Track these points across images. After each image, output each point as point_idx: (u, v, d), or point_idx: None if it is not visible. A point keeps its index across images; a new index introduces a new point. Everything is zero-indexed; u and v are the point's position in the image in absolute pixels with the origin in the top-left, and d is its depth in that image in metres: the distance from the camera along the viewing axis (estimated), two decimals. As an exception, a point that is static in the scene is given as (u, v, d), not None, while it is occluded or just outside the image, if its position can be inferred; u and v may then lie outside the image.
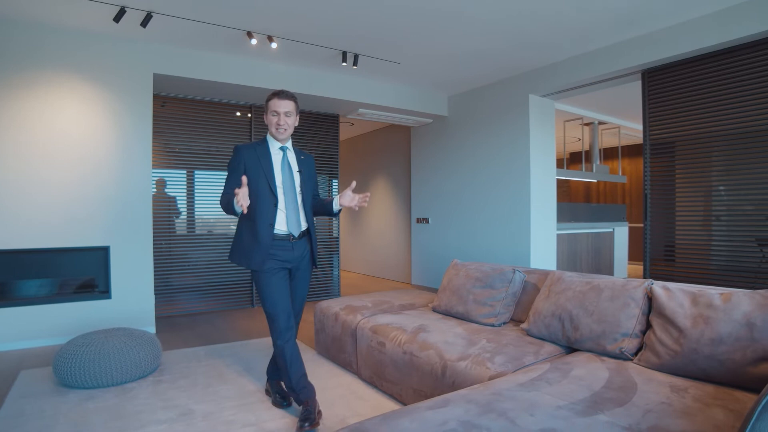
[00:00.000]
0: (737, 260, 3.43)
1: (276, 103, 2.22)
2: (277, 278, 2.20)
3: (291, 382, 2.19)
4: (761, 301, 1.59)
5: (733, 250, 3.46)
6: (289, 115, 2.24)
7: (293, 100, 2.27)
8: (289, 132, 2.27)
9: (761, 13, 3.07)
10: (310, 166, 2.43)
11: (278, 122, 2.23)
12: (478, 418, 1.29)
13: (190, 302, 4.81)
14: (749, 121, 3.30)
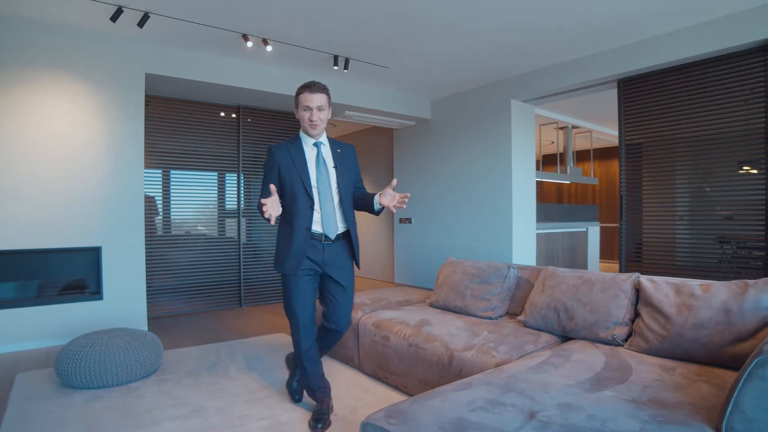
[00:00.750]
0: (700, 257, 3.73)
1: (307, 97, 2.08)
2: (303, 281, 2.17)
3: (309, 382, 2.26)
4: (736, 290, 1.80)
5: (697, 247, 3.75)
6: (321, 110, 2.11)
7: (325, 92, 2.12)
8: (322, 127, 2.15)
9: (725, 32, 3.36)
10: (349, 158, 2.27)
11: (311, 117, 2.10)
12: (501, 397, 1.44)
13: (178, 303, 4.80)
14: (712, 127, 3.60)
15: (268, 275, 5.44)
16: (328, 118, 2.17)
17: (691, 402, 1.41)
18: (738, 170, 3.53)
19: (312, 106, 2.09)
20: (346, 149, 2.28)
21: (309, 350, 2.23)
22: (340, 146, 2.27)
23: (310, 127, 2.13)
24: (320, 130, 2.17)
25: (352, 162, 2.28)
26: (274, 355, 3.32)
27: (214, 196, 5.13)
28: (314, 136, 2.18)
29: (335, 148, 2.24)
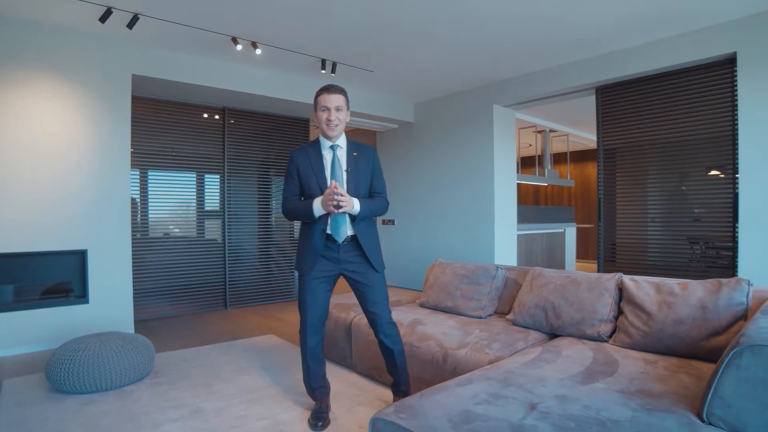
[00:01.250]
0: (671, 257, 3.94)
1: (326, 97, 2.13)
2: (316, 283, 2.21)
3: (310, 380, 2.31)
4: (711, 289, 1.95)
5: (669, 247, 3.96)
6: (339, 110, 2.15)
7: (343, 93, 2.18)
8: (340, 128, 2.18)
9: (696, 44, 3.57)
10: (366, 161, 2.25)
11: (329, 117, 2.13)
12: (502, 391, 1.53)
13: (163, 306, 4.76)
14: (683, 133, 3.81)
15: (254, 277, 5.44)
16: (346, 120, 2.21)
17: (674, 391, 1.54)
18: (706, 174, 3.75)
19: (330, 106, 2.14)
20: (364, 152, 2.27)
21: (314, 348, 2.28)
22: (358, 149, 2.27)
23: (327, 128, 2.16)
24: (338, 131, 2.19)
25: (368, 165, 2.26)
26: (266, 356, 3.35)
27: (198, 197, 5.10)
28: (331, 138, 2.20)
29: (352, 151, 2.25)
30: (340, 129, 2.20)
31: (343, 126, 2.21)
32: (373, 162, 2.28)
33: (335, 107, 2.15)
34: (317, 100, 2.18)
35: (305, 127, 5.93)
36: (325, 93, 2.15)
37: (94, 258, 3.71)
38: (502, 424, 1.29)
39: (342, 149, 2.24)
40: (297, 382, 2.80)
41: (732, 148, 3.51)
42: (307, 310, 2.24)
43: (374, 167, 2.28)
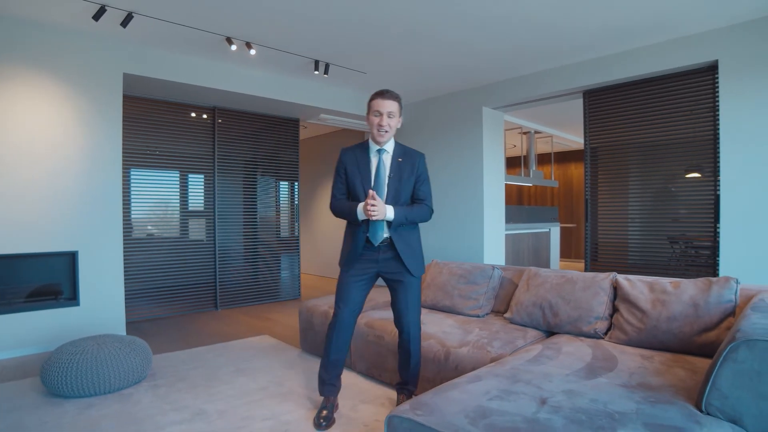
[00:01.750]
0: (652, 256, 4.09)
1: (379, 102, 2.16)
2: (353, 280, 2.28)
3: (325, 373, 2.33)
4: (701, 287, 2.06)
5: (650, 246, 4.11)
6: (392, 116, 2.17)
7: (397, 100, 2.19)
8: (390, 134, 2.20)
9: (680, 51, 3.71)
10: (411, 168, 2.24)
11: (380, 123, 2.15)
12: (511, 387, 1.59)
13: (153, 307, 4.71)
14: (667, 136, 3.95)
15: (244, 278, 5.42)
16: (397, 126, 2.23)
17: (672, 384, 1.62)
18: (688, 175, 3.90)
19: (383, 111, 2.16)
20: (410, 158, 2.26)
21: (339, 342, 2.28)
22: (404, 154, 2.27)
23: (377, 133, 2.18)
24: (388, 137, 2.21)
25: (412, 172, 2.25)
26: (262, 357, 3.36)
27: (188, 197, 5.06)
28: (380, 143, 2.23)
29: (397, 157, 2.25)
30: (390, 135, 2.21)
31: (393, 132, 2.22)
32: (417, 168, 2.26)
33: (388, 113, 2.16)
34: (371, 104, 2.21)
35: (295, 128, 5.93)
36: (379, 98, 2.18)
37: (85, 259, 3.66)
38: (516, 418, 1.35)
39: (388, 154, 2.25)
40: (297, 383, 2.82)
41: (713, 151, 3.66)
42: (340, 303, 2.30)
43: (419, 174, 2.27)
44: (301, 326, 3.53)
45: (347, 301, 2.29)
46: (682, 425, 1.31)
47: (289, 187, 6.00)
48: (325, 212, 7.96)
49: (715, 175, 3.65)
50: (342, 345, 2.31)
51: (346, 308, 2.29)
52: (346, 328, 2.30)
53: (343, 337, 2.30)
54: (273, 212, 5.85)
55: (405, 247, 2.24)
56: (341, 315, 2.29)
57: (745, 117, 3.43)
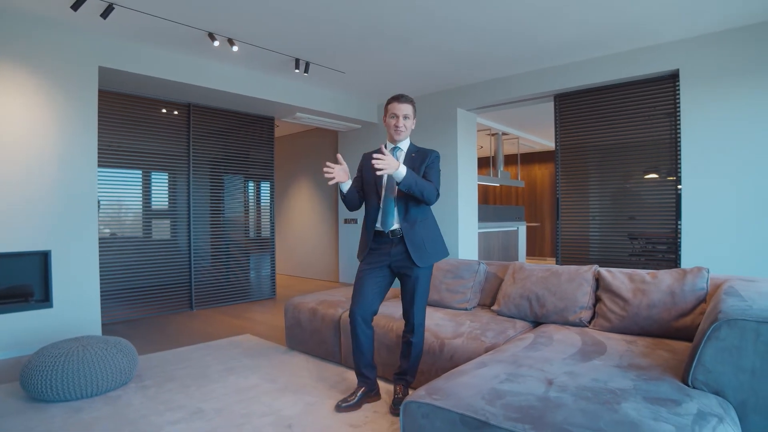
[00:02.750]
0: (614, 251, 4.37)
1: (395, 106, 2.34)
2: (367, 272, 2.39)
3: (355, 363, 2.43)
4: (677, 277, 2.25)
5: (612, 242, 4.39)
6: (407, 118, 2.35)
7: (412, 104, 2.37)
8: (406, 134, 2.37)
9: (644, 60, 3.98)
10: (423, 159, 2.36)
11: (396, 124, 2.34)
12: (517, 370, 1.70)
13: (126, 308, 4.56)
14: (631, 138, 4.23)
15: (220, 277, 5.34)
16: (412, 127, 2.40)
17: (659, 364, 1.78)
18: (651, 176, 4.18)
19: (399, 114, 2.34)
20: (421, 155, 2.38)
21: (358, 334, 2.37)
22: (417, 151, 2.41)
23: (395, 132, 2.36)
24: (404, 136, 2.39)
25: (423, 165, 2.36)
26: (249, 356, 3.34)
27: (163, 196, 4.93)
28: (396, 141, 2.40)
29: (411, 153, 2.41)
30: (406, 134, 2.39)
31: (408, 132, 2.40)
32: (428, 161, 2.37)
33: (404, 115, 2.35)
34: (387, 107, 2.39)
35: (270, 126, 5.89)
36: (395, 102, 2.36)
37: (59, 259, 3.51)
38: (530, 397, 1.46)
39: (402, 151, 2.42)
40: (290, 380, 2.84)
41: (675, 153, 3.95)
42: (354, 297, 2.41)
43: (429, 163, 2.36)
44: (287, 324, 3.54)
45: (360, 295, 2.38)
46: (675, 397, 1.46)
47: (263, 186, 5.95)
48: (298, 212, 7.93)
49: (676, 175, 3.94)
50: (364, 341, 2.39)
51: (358, 303, 2.37)
52: (361, 324, 2.37)
53: (363, 331, 2.38)
54: (248, 212, 5.79)
55: (413, 238, 2.33)
56: (354, 310, 2.38)
57: (704, 122, 3.73)
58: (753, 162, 3.52)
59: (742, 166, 3.57)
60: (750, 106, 3.52)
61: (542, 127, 7.85)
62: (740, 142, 3.57)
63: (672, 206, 3.99)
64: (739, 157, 3.58)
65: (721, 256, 3.64)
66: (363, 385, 2.43)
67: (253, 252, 5.76)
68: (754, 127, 3.51)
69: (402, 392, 2.39)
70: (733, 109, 3.59)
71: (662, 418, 1.31)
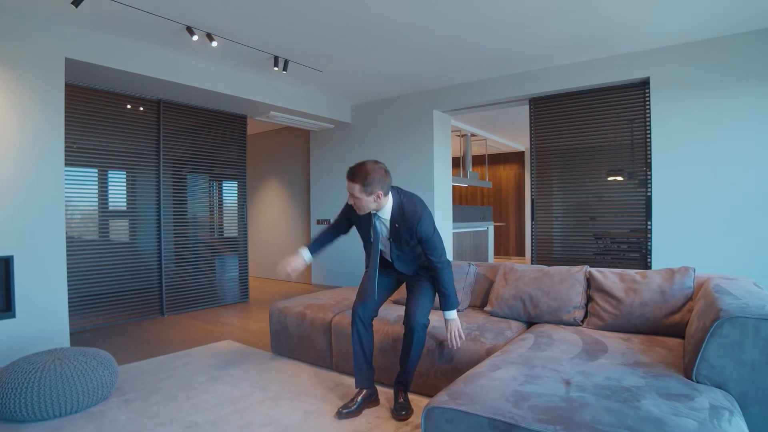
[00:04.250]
0: (580, 250, 4.56)
1: (347, 184, 2.23)
2: (371, 274, 2.40)
3: (354, 365, 2.43)
4: (665, 276, 2.37)
5: (578, 242, 4.58)
6: (359, 195, 2.20)
7: (359, 181, 2.17)
8: (370, 207, 2.26)
9: (616, 67, 4.17)
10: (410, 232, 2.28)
11: (353, 203, 2.28)
12: (532, 372, 1.73)
13: (93, 316, 4.30)
14: (602, 141, 4.41)
15: (192, 281, 5.13)
16: (376, 199, 2.22)
17: (659, 361, 1.87)
18: (621, 177, 4.39)
19: (350, 192, 2.25)
20: (407, 223, 2.27)
21: (356, 335, 2.40)
22: (402, 219, 2.28)
23: (355, 208, 2.31)
24: (366, 211, 2.29)
25: (412, 235, 2.29)
26: (233, 363, 3.23)
27: (131, 197, 4.68)
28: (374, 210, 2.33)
29: (394, 222, 2.30)
30: (370, 209, 2.27)
31: (374, 205, 2.25)
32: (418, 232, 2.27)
33: (355, 195, 2.22)
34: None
35: (242, 125, 5.73)
36: (347, 179, 2.23)
37: (22, 265, 3.26)
38: (554, 398, 1.49)
39: (383, 219, 2.34)
40: (283, 387, 2.77)
41: (644, 156, 4.16)
42: (356, 298, 2.45)
43: (420, 236, 2.27)
44: (272, 328, 3.45)
45: (362, 296, 2.42)
46: (686, 392, 1.53)
47: (235, 186, 5.77)
48: (269, 212, 7.75)
49: (646, 177, 4.15)
50: (362, 342, 2.40)
51: (359, 304, 2.41)
52: (359, 326, 2.39)
53: (362, 333, 2.40)
54: (219, 212, 5.60)
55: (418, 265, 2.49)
56: (355, 309, 2.40)
57: (673, 127, 3.95)
58: (718, 166, 3.77)
59: (708, 170, 3.81)
60: (715, 114, 3.76)
61: (510, 129, 8.07)
62: (706, 146, 3.81)
63: (642, 207, 4.20)
64: (705, 161, 3.82)
65: (691, 255, 3.86)
66: (363, 390, 2.41)
67: (224, 254, 5.58)
68: (718, 133, 3.76)
69: (404, 397, 2.38)
70: (700, 116, 3.83)
71: (682, 414, 1.37)
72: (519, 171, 10.21)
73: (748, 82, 3.62)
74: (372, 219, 2.33)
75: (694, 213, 3.86)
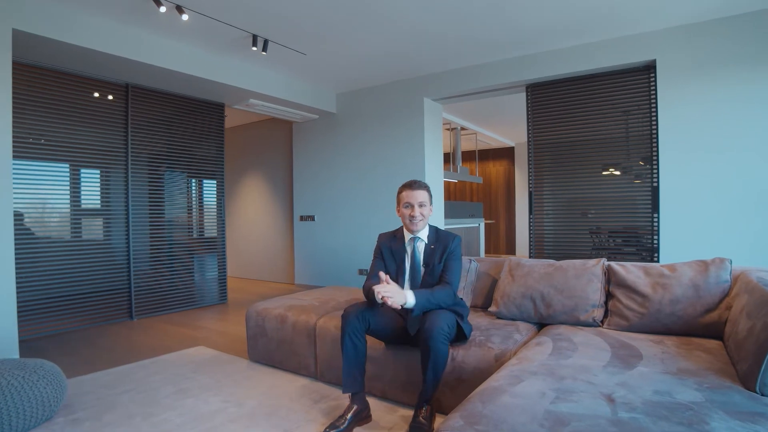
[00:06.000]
0: (578, 245, 4.31)
1: (409, 194, 2.21)
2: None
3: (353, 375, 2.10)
4: (697, 269, 2.09)
5: (576, 237, 4.33)
6: (423, 206, 2.21)
7: (427, 189, 2.25)
8: (424, 222, 2.23)
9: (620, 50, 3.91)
10: (443, 250, 2.22)
11: (411, 214, 2.19)
12: (561, 385, 1.42)
13: (50, 321, 3.87)
14: (605, 130, 4.15)
15: (164, 283, 4.73)
16: (430, 213, 2.26)
17: (707, 368, 1.57)
18: (624, 168, 4.13)
19: (414, 202, 2.21)
20: (442, 243, 2.24)
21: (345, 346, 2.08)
22: (437, 240, 2.26)
23: (410, 223, 2.22)
24: (422, 226, 2.24)
25: (443, 253, 2.22)
26: (205, 372, 2.87)
27: (95, 193, 4.27)
28: (414, 232, 2.25)
29: (431, 244, 2.26)
30: (424, 224, 2.25)
31: (427, 220, 2.26)
32: (449, 247, 2.23)
33: (419, 203, 2.21)
34: (400, 196, 2.27)
35: (220, 114, 5.33)
36: (408, 189, 2.23)
37: (-41, 265, 2.84)
38: (600, 421, 1.17)
39: (422, 242, 2.28)
40: (259, 401, 2.42)
41: (650, 144, 3.90)
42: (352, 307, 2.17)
43: (449, 251, 2.22)
44: (249, 333, 3.09)
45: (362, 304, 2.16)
46: (759, 410, 1.24)
47: (212, 182, 5.37)
48: (249, 210, 7.35)
49: (652, 167, 3.89)
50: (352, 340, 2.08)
51: (352, 311, 2.10)
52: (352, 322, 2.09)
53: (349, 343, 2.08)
54: (195, 210, 5.20)
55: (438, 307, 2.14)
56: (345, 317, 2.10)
57: (681, 114, 3.70)
58: (732, 154, 3.52)
59: (720, 157, 3.56)
60: (727, 99, 3.52)
61: (501, 123, 7.81)
62: (718, 132, 3.57)
63: (648, 199, 3.95)
64: (718, 149, 3.57)
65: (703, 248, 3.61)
66: (354, 405, 2.07)
67: (201, 254, 5.18)
68: (731, 118, 3.51)
69: (425, 415, 1.95)
70: (710, 101, 3.58)
71: (767, 441, 1.07)
72: (509, 167, 9.97)
73: (764, 66, 3.39)
74: (412, 246, 2.27)
75: (706, 204, 3.62)
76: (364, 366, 2.11)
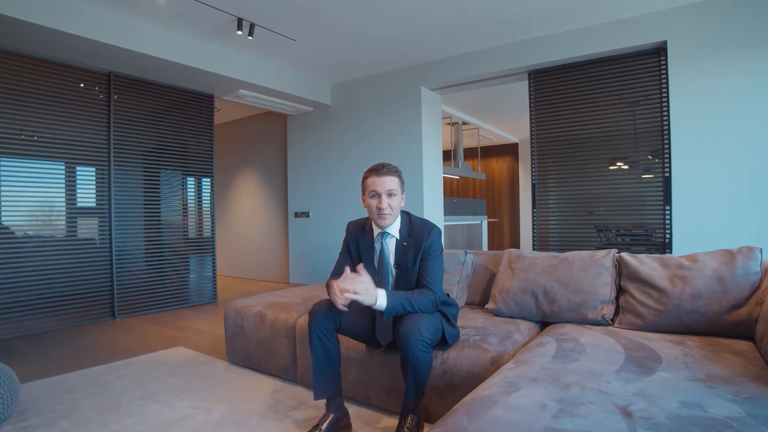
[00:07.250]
0: (584, 241, 4.06)
1: (375, 181, 1.83)
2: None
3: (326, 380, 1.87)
4: (722, 259, 1.83)
5: (582, 233, 4.07)
6: (392, 194, 1.85)
7: (397, 174, 1.88)
8: (394, 216, 1.88)
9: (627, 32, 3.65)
10: (417, 247, 1.87)
11: (378, 205, 1.82)
12: (567, 395, 1.18)
13: (28, 320, 3.67)
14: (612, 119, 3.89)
15: (150, 281, 4.51)
16: (401, 204, 1.91)
17: (741, 374, 1.33)
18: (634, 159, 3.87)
19: (381, 191, 1.84)
20: (416, 238, 1.89)
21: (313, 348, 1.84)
22: (410, 235, 1.90)
23: (377, 217, 1.86)
24: (391, 220, 1.88)
25: (419, 250, 1.87)
26: (178, 375, 2.64)
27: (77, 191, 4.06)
28: (382, 227, 1.90)
29: (403, 240, 1.90)
30: (393, 217, 1.89)
31: (397, 213, 1.90)
32: (425, 243, 1.87)
33: (387, 191, 1.84)
34: (365, 183, 1.89)
35: (209, 106, 5.12)
36: (374, 175, 1.85)
37: None
38: (615, 443, 0.93)
39: (393, 238, 1.92)
40: (232, 407, 2.19)
41: (661, 133, 3.64)
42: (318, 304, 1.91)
43: (425, 249, 1.86)
44: (227, 333, 2.87)
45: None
46: (814, 429, 0.99)
47: (202, 178, 5.16)
48: (241, 206, 7.14)
49: (663, 157, 3.63)
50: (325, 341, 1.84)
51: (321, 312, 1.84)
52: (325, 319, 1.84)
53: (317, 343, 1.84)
54: (184, 207, 4.98)
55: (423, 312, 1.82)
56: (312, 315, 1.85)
57: (694, 99, 3.43)
58: (752, 139, 3.25)
59: (738, 145, 3.30)
60: (744, 81, 3.25)
61: (504, 116, 7.55)
62: (734, 119, 3.30)
63: (660, 191, 3.68)
64: (735, 135, 3.31)
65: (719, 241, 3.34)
66: (330, 413, 1.83)
67: (190, 252, 4.96)
68: (748, 101, 3.25)
69: (411, 426, 1.72)
70: (726, 83, 3.32)
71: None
72: (513, 164, 9.71)
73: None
74: (380, 243, 1.93)
75: (722, 194, 3.35)
76: (338, 368, 1.87)
